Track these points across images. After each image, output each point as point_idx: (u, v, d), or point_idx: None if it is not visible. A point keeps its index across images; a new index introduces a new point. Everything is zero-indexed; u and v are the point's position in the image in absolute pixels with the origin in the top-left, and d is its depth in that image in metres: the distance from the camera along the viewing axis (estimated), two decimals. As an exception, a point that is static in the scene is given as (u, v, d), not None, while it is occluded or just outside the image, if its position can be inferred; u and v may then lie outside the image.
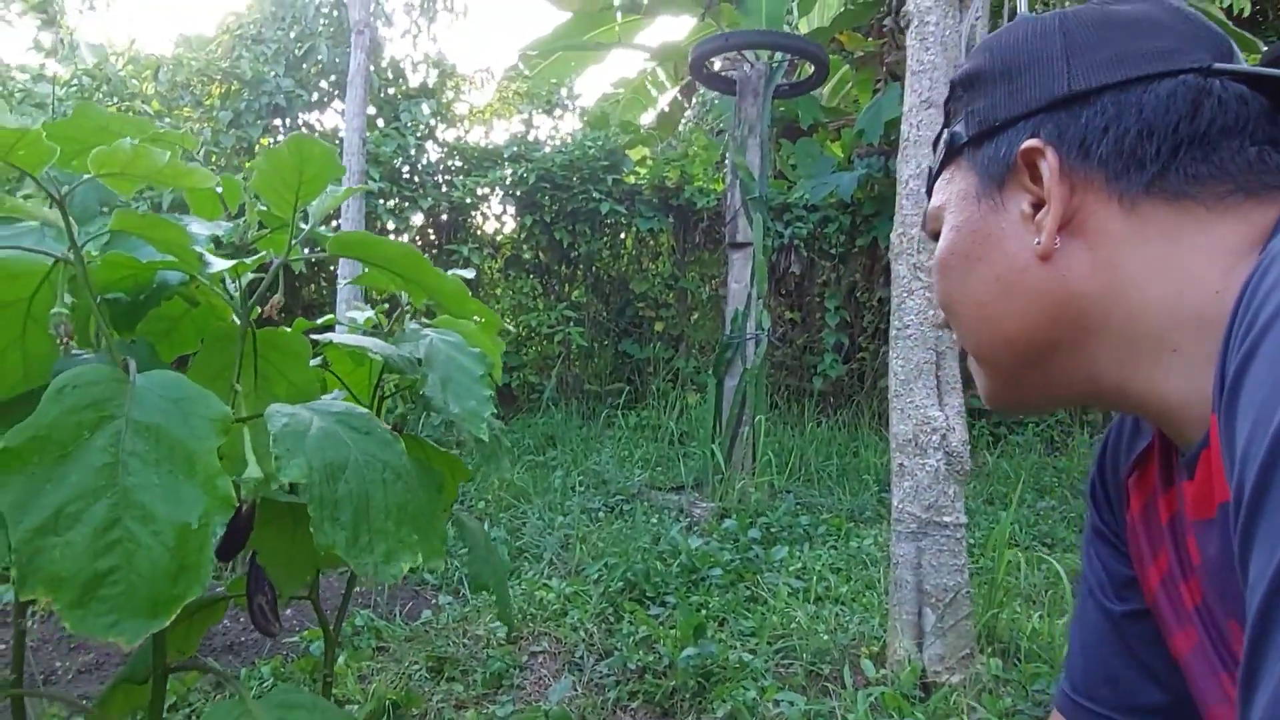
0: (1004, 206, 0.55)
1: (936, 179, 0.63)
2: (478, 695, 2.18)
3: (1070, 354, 0.54)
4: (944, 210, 0.60)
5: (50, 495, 0.66)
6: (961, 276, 0.58)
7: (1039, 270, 0.53)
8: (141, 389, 0.73)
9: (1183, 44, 0.52)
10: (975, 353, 0.60)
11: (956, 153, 0.59)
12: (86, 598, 0.67)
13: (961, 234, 0.58)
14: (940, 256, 0.60)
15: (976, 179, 0.57)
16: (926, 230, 0.65)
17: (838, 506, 4.07)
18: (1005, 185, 0.55)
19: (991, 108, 0.56)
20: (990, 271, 0.56)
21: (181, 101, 6.31)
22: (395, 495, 0.87)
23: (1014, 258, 0.54)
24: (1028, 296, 0.54)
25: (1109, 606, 0.66)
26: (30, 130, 0.65)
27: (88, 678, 2.25)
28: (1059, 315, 0.53)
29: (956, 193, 0.59)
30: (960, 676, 2.13)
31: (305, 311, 5.88)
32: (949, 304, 0.61)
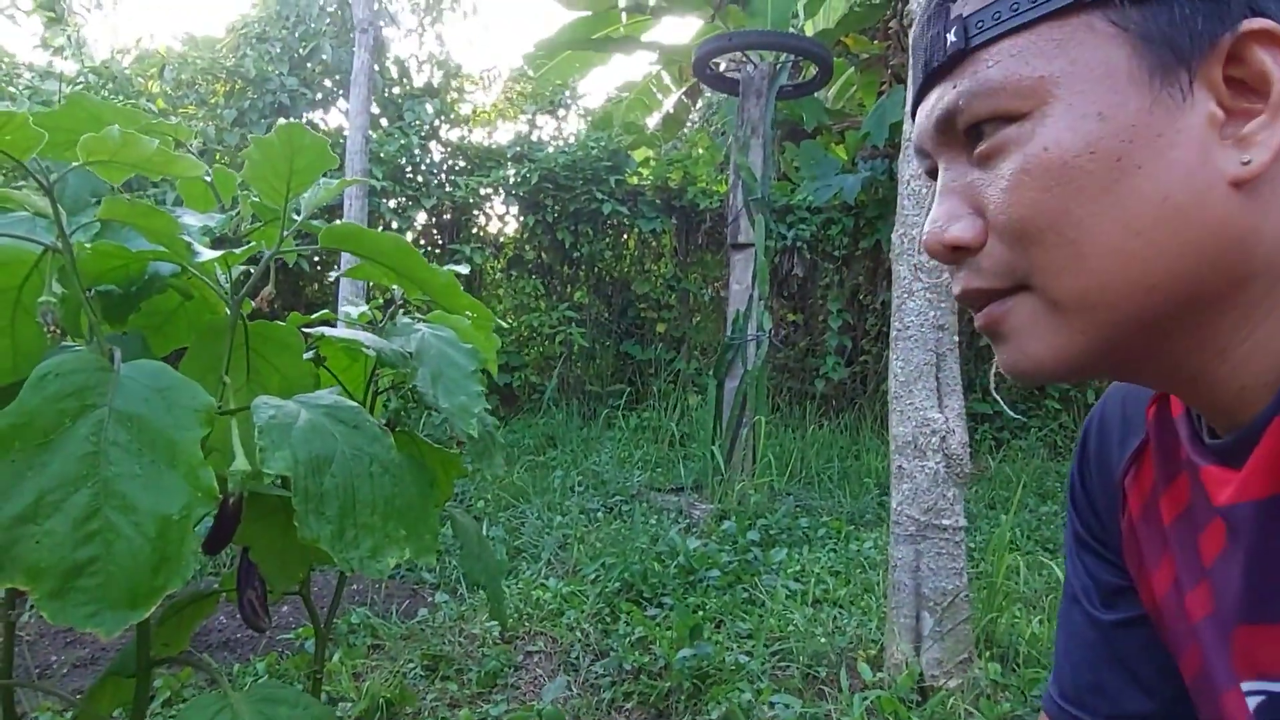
0: (1190, 103, 0.41)
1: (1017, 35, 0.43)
2: (472, 694, 2.17)
3: (1208, 312, 0.42)
4: (1057, 86, 0.42)
5: (30, 483, 0.66)
6: (1100, 188, 0.41)
7: (1226, 198, 0.40)
8: (125, 378, 0.72)
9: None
10: (1072, 299, 0.43)
11: (1088, 5, 0.42)
12: (65, 588, 0.67)
13: (1114, 126, 0.41)
14: (1057, 154, 0.42)
15: (1133, 50, 0.41)
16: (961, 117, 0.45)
17: (838, 509, 4.06)
18: (1196, 71, 0.41)
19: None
20: (1154, 187, 0.41)
21: (187, 100, 6.32)
22: (383, 489, 0.86)
23: (1194, 175, 0.40)
24: (1201, 230, 0.40)
25: (1096, 615, 0.64)
26: (17, 114, 0.64)
27: (82, 672, 2.25)
28: (1225, 259, 0.41)
29: (1093, 65, 0.41)
30: (958, 681, 2.12)
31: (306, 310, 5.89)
32: (1056, 225, 0.42)
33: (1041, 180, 0.42)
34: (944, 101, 0.46)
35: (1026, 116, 0.43)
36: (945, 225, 0.47)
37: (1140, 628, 0.60)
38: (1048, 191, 0.42)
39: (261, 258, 0.96)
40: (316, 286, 6.36)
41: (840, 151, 6.64)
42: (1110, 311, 0.43)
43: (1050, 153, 0.42)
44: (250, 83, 6.13)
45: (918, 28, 0.49)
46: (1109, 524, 0.62)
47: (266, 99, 6.09)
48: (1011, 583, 2.83)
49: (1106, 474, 0.61)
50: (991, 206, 0.45)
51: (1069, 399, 5.98)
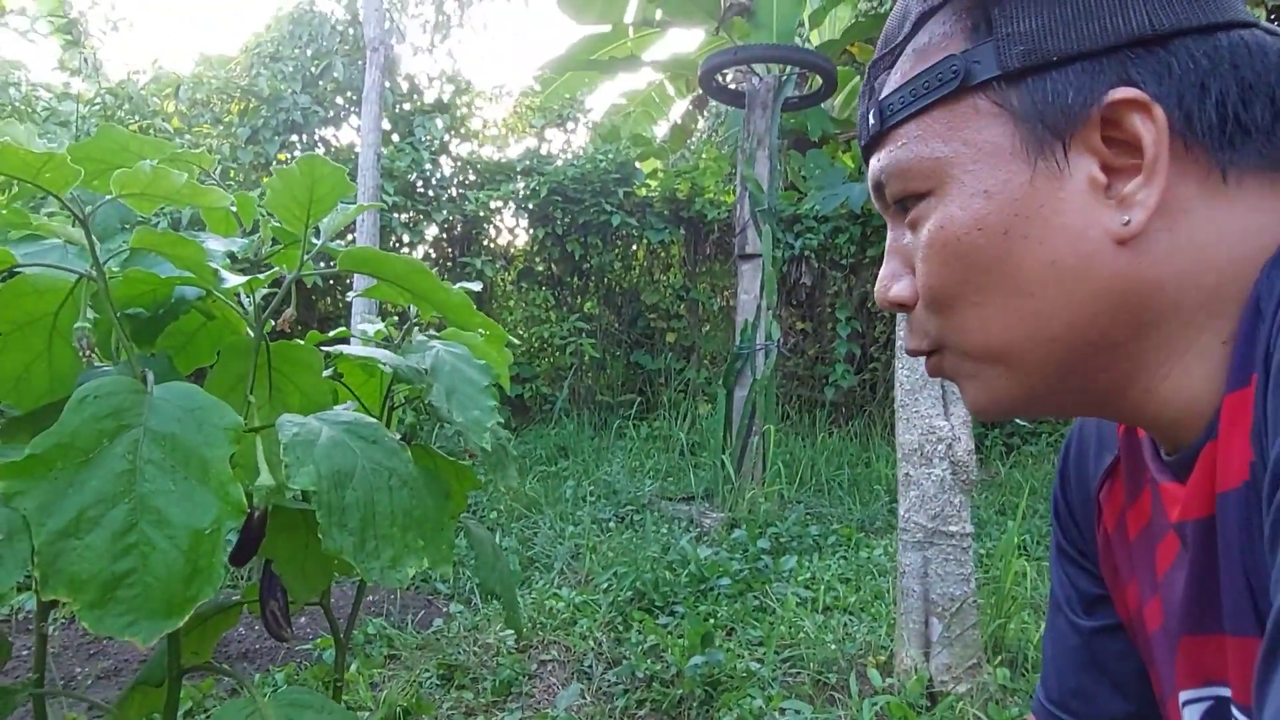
0: (1068, 170, 0.43)
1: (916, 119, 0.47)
2: (487, 703, 2.21)
3: (1118, 352, 0.45)
4: (948, 167, 0.46)
5: (72, 500, 0.70)
6: (990, 259, 0.45)
7: (1113, 255, 0.43)
8: (158, 399, 0.76)
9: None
10: (986, 355, 0.47)
11: (978, 88, 0.45)
12: (105, 598, 0.70)
13: (995, 203, 0.44)
14: (952, 231, 0.46)
15: (1015, 128, 0.44)
16: (886, 191, 0.50)
17: (848, 517, 4.08)
18: (1071, 142, 0.43)
19: (1043, 34, 0.43)
20: (1040, 254, 0.44)
21: (201, 119, 6.42)
22: (401, 502, 0.90)
23: (1079, 238, 0.43)
24: (1091, 286, 0.43)
25: (1077, 622, 0.66)
26: (56, 154, 0.69)
27: (106, 683, 2.30)
28: (1123, 308, 0.43)
29: (979, 145, 0.45)
30: (967, 686, 2.14)
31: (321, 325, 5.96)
32: (957, 294, 0.47)
33: (940, 254, 0.47)
34: (873, 174, 0.51)
35: (931, 193, 0.47)
36: (889, 285, 0.51)
37: (1119, 634, 0.63)
38: (947, 265, 0.46)
39: (283, 280, 1.01)
40: (329, 301, 6.43)
41: (847, 160, 6.67)
42: (1022, 361, 0.46)
43: (946, 230, 0.46)
44: (264, 101, 6.22)
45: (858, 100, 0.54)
46: (1087, 535, 0.64)
47: (280, 117, 6.18)
48: (1020, 588, 2.84)
49: (1084, 488, 0.64)
50: (916, 272, 0.49)
51: (1080, 404, 5.97)
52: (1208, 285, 0.42)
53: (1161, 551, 0.52)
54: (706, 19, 5.80)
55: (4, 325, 0.88)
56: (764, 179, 4.61)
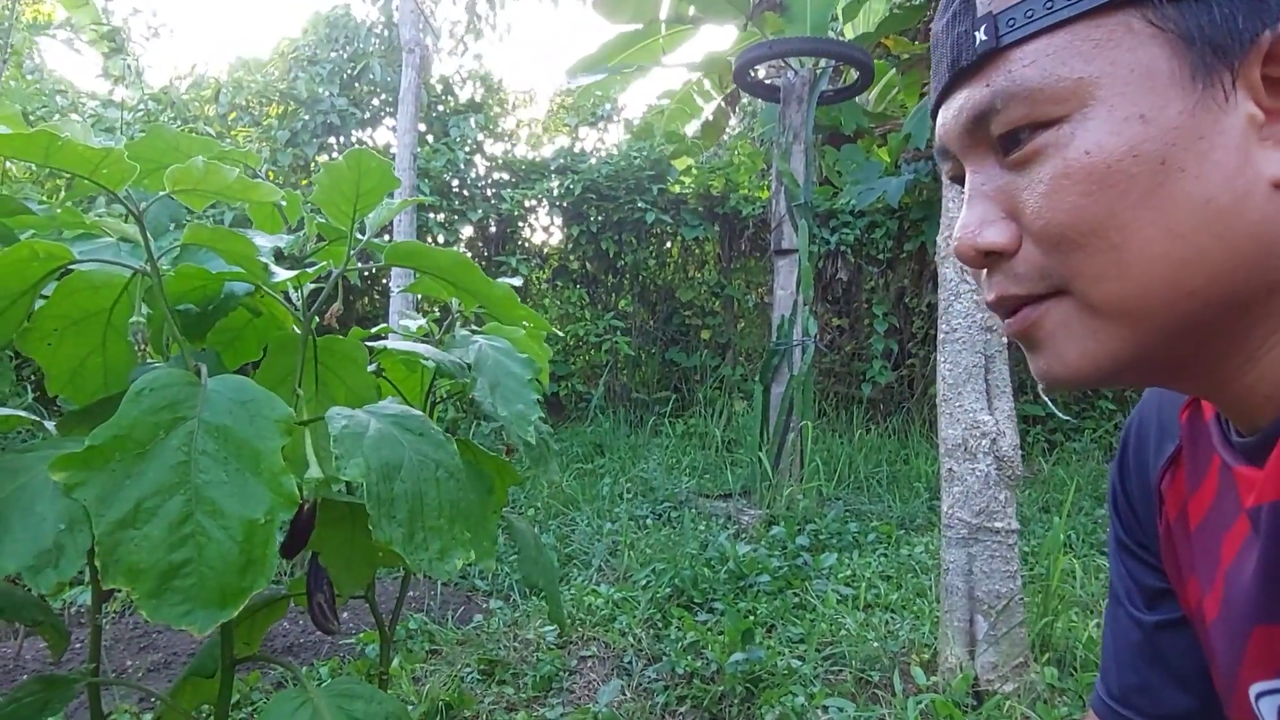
0: (1232, 104, 0.40)
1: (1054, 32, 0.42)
2: (528, 698, 2.21)
3: (1243, 314, 0.42)
4: (1097, 87, 0.41)
5: (130, 491, 0.71)
6: (1141, 192, 0.40)
7: (1265, 199, 0.39)
8: (212, 392, 0.77)
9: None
10: (1126, 307, 0.42)
11: (1126, 2, 0.40)
12: (162, 588, 0.71)
13: (1156, 129, 0.40)
14: (1100, 157, 0.41)
15: (1174, 50, 0.40)
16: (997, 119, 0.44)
17: (888, 514, 4.03)
18: (1237, 74, 0.40)
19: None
20: (1197, 190, 0.40)
21: (241, 122, 6.53)
22: (448, 494, 0.90)
23: (1235, 177, 0.39)
24: (1241, 233, 0.40)
25: (1139, 616, 0.64)
26: (114, 150, 0.70)
27: (156, 675, 2.34)
28: (1264, 261, 0.40)
29: (1133, 67, 0.40)
30: (1014, 685, 2.10)
31: (360, 322, 6.03)
32: (1099, 231, 0.42)
33: (1083, 185, 0.41)
34: (974, 103, 0.45)
35: (1065, 120, 0.42)
36: (978, 230, 0.46)
37: (1182, 628, 0.61)
38: (1089, 196, 0.41)
39: (330, 275, 1.02)
40: (366, 300, 6.51)
41: (883, 154, 6.59)
42: (1150, 318, 0.42)
43: (1092, 156, 0.41)
44: (302, 104, 6.31)
45: (940, 24, 0.47)
46: (1148, 528, 0.63)
47: (318, 119, 6.26)
48: (1067, 586, 2.79)
49: (1144, 478, 0.62)
50: (1029, 211, 0.44)
51: (1124, 399, 5.86)
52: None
53: (1228, 539, 0.50)
54: (738, 14, 5.77)
55: (60, 321, 0.89)
56: (799, 174, 4.57)
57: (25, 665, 2.36)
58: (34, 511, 0.72)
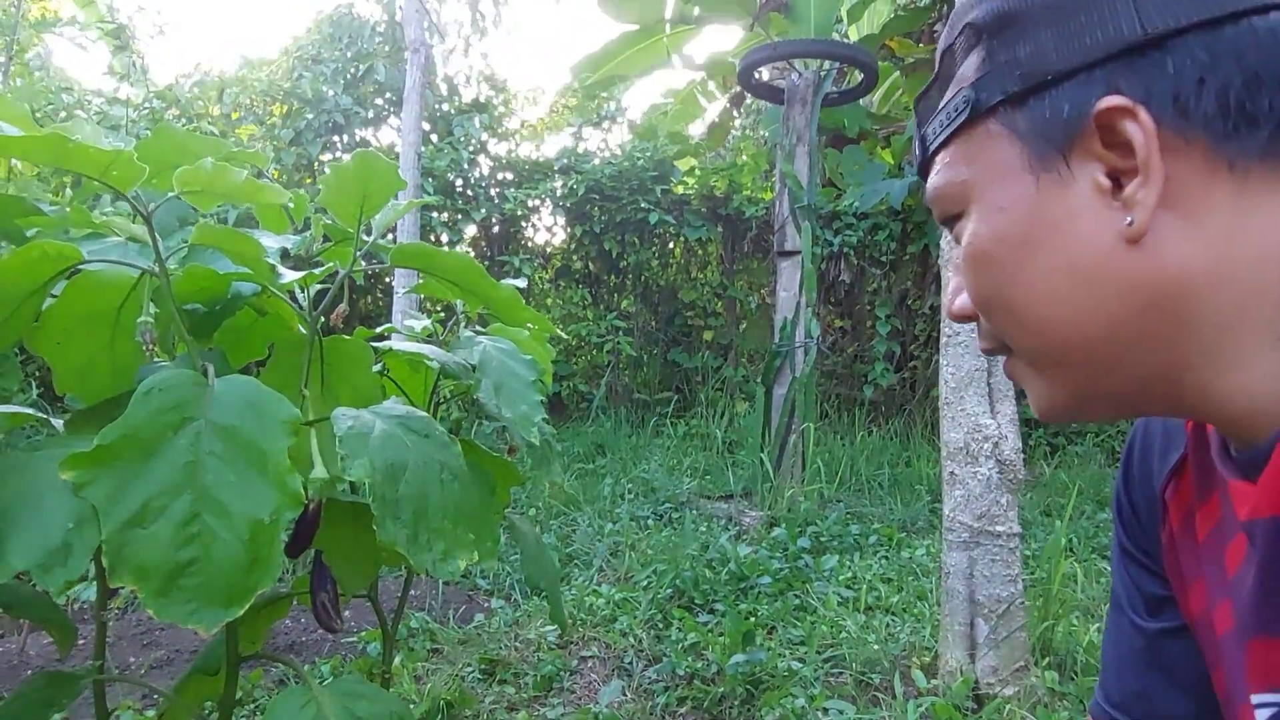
0: (1072, 178, 0.45)
1: (943, 150, 0.51)
2: (529, 698, 2.22)
3: (1160, 350, 0.45)
4: (971, 188, 0.50)
5: (138, 490, 0.71)
6: (1016, 269, 0.48)
7: (1127, 255, 0.44)
8: (220, 392, 0.78)
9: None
10: (1036, 358, 0.50)
11: (985, 114, 0.48)
12: (169, 587, 0.72)
13: (1012, 216, 0.47)
14: (979, 246, 0.49)
15: (1022, 146, 0.46)
16: (935, 214, 0.54)
17: (889, 516, 4.03)
18: (1071, 153, 0.45)
19: (1039, 56, 0.45)
20: (1059, 260, 0.46)
21: (246, 121, 6.54)
22: (452, 495, 0.91)
23: (1090, 241, 0.45)
24: (1113, 287, 0.45)
25: (1140, 623, 0.65)
26: (124, 152, 0.70)
27: (160, 672, 2.35)
28: (1152, 306, 0.44)
29: (994, 165, 0.48)
30: (1014, 689, 2.10)
31: (363, 321, 6.04)
32: (996, 303, 0.50)
33: (975, 268, 0.50)
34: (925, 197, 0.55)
35: (964, 215, 0.51)
36: (953, 298, 0.55)
37: (1183, 636, 0.61)
38: (981, 277, 0.50)
39: (335, 276, 1.02)
40: (371, 300, 6.52)
41: (886, 156, 6.59)
42: (1074, 365, 0.48)
43: (973, 245, 0.50)
44: (306, 103, 6.32)
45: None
46: (1151, 535, 0.63)
47: (322, 119, 6.28)
48: (1068, 590, 2.79)
49: (1148, 486, 0.62)
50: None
51: (1127, 403, 5.85)
52: (1241, 281, 0.42)
53: (1231, 552, 0.51)
54: (743, 15, 5.77)
55: (69, 320, 0.90)
56: (803, 175, 4.57)
57: (30, 661, 2.37)
58: (43, 510, 0.72)
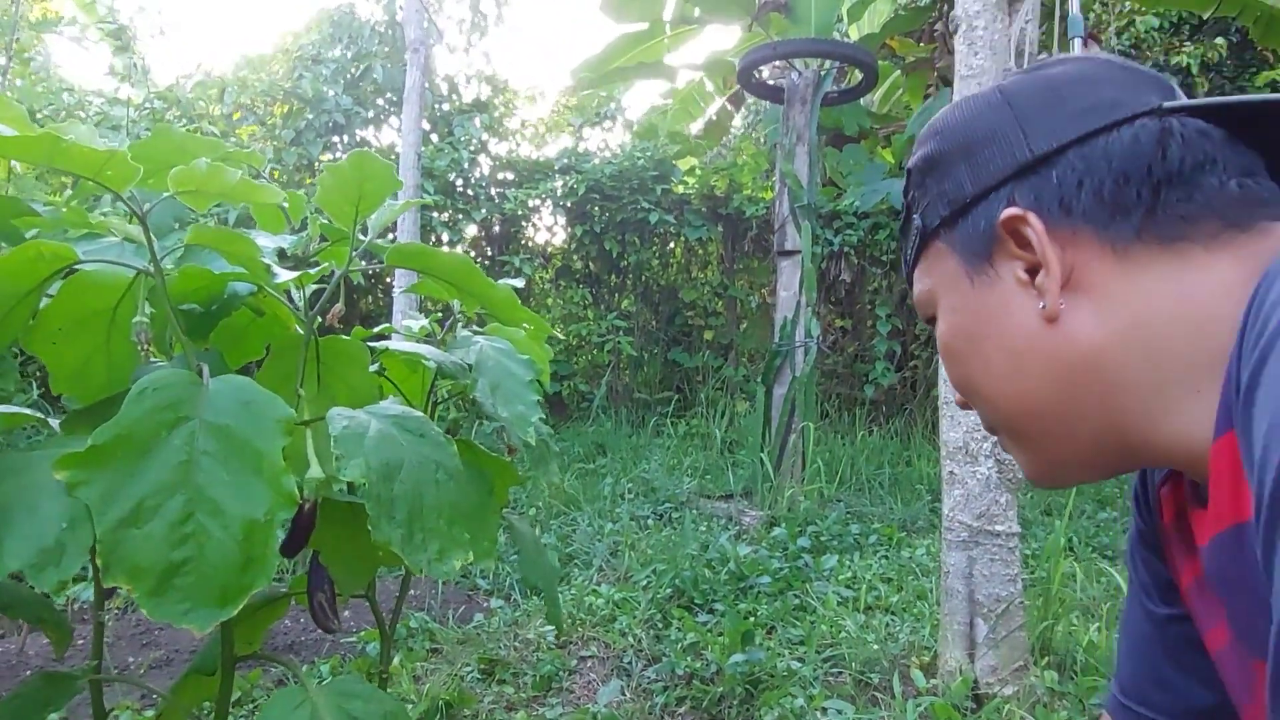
0: (998, 277, 0.55)
1: (915, 268, 0.63)
2: (528, 697, 2.22)
3: (1097, 413, 0.52)
4: (935, 294, 0.60)
5: (132, 490, 0.71)
6: (971, 356, 0.58)
7: (1048, 333, 0.52)
8: (214, 392, 0.78)
9: (1127, 91, 0.53)
10: (1005, 430, 0.59)
11: (931, 236, 0.59)
12: (163, 586, 0.72)
13: (961, 314, 0.58)
14: (945, 341, 0.60)
15: (959, 258, 0.57)
16: (921, 316, 0.65)
17: (889, 516, 4.03)
18: (993, 257, 0.55)
19: (958, 186, 0.57)
20: (1000, 344, 0.55)
21: (246, 121, 6.54)
22: (448, 495, 0.91)
23: (1020, 326, 0.54)
24: (1043, 361, 0.53)
25: (1153, 610, 0.66)
26: (118, 151, 0.70)
27: (158, 673, 2.35)
28: (1078, 375, 0.52)
29: (944, 275, 0.59)
30: (1014, 689, 2.10)
31: (363, 322, 6.05)
32: (967, 386, 0.60)
33: (945, 360, 0.61)
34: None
35: (935, 317, 0.62)
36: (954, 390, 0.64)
37: (1189, 624, 0.62)
38: (951, 367, 0.61)
39: (332, 276, 1.02)
40: (370, 300, 6.52)
41: (886, 155, 6.59)
42: (1025, 433, 0.57)
43: (942, 341, 0.61)
44: (307, 103, 6.32)
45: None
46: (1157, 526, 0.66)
47: (322, 119, 6.28)
48: (1068, 590, 2.78)
49: (1153, 479, 0.65)
50: None
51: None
52: (1147, 344, 0.49)
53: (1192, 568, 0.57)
54: (743, 15, 5.77)
55: (65, 320, 0.90)
56: (803, 174, 4.57)
57: (29, 662, 2.37)
58: (37, 510, 0.72)
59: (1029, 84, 0.56)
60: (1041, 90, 0.55)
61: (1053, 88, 0.55)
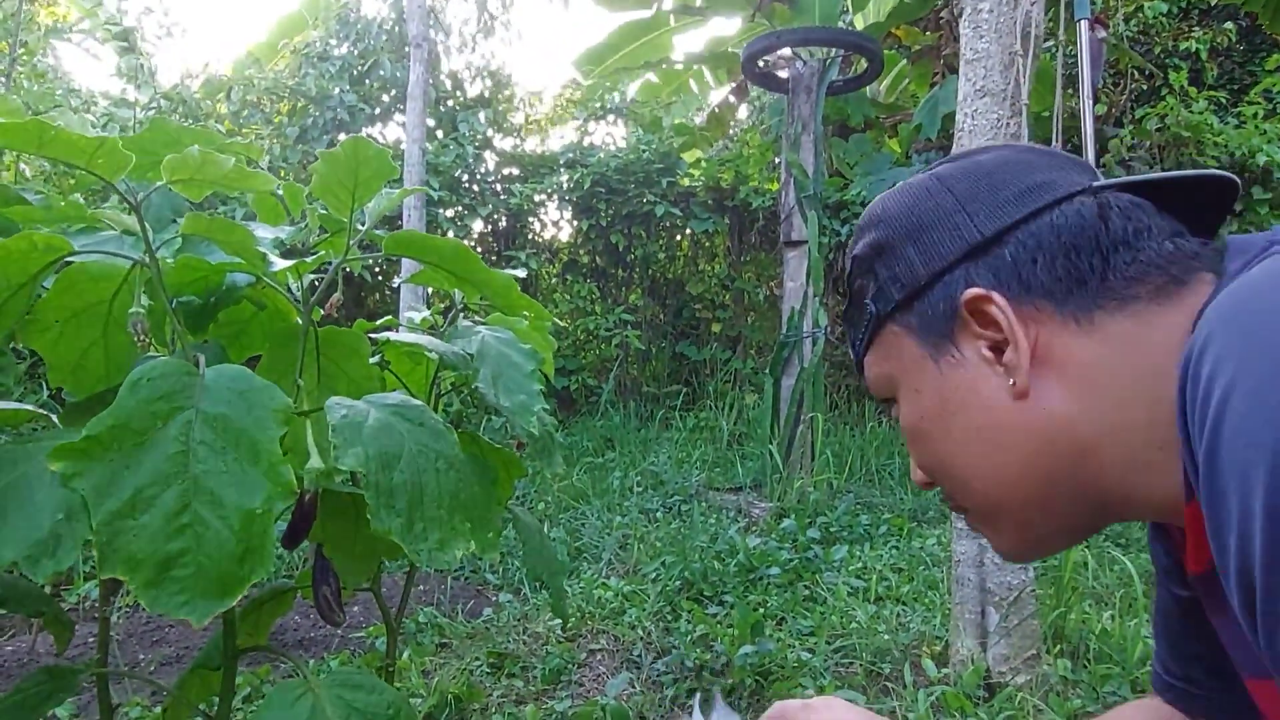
0: (963, 358, 0.56)
1: (867, 353, 0.63)
2: (537, 691, 2.22)
3: (1075, 480, 0.53)
4: (894, 378, 0.60)
5: (127, 481, 0.71)
6: (942, 438, 0.58)
7: (1020, 409, 0.53)
8: (210, 382, 0.77)
9: (1056, 173, 0.56)
10: (981, 509, 0.59)
11: (885, 320, 0.59)
12: (160, 578, 0.71)
13: (927, 396, 0.58)
14: (912, 424, 0.60)
15: (918, 340, 0.57)
16: (875, 397, 0.65)
17: (899, 506, 4.01)
18: (956, 337, 0.56)
19: (909, 269, 0.57)
20: (971, 423, 0.56)
21: (252, 119, 6.55)
22: (448, 484, 0.90)
23: (991, 404, 0.54)
24: (1018, 437, 0.54)
25: (1176, 592, 0.68)
26: (108, 139, 0.70)
27: (168, 669, 2.36)
28: (1053, 446, 0.53)
29: (903, 358, 0.59)
30: (1026, 677, 2.08)
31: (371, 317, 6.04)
32: (937, 468, 0.60)
33: (911, 442, 0.61)
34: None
35: (894, 399, 0.61)
36: (914, 470, 0.64)
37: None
38: (917, 448, 0.61)
39: (330, 266, 1.01)
40: (378, 295, 6.53)
41: (893, 145, 6.55)
42: (1004, 510, 0.57)
43: (905, 424, 0.60)
44: (311, 100, 6.33)
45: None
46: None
47: (327, 115, 6.28)
48: (1080, 577, 2.76)
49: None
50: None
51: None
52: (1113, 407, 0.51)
53: None
54: (746, 5, 5.74)
55: (61, 312, 0.89)
56: (809, 165, 4.54)
57: (39, 659, 2.38)
58: (32, 501, 0.72)
59: (962, 171, 0.58)
60: (975, 176, 0.57)
61: (986, 173, 0.57)
